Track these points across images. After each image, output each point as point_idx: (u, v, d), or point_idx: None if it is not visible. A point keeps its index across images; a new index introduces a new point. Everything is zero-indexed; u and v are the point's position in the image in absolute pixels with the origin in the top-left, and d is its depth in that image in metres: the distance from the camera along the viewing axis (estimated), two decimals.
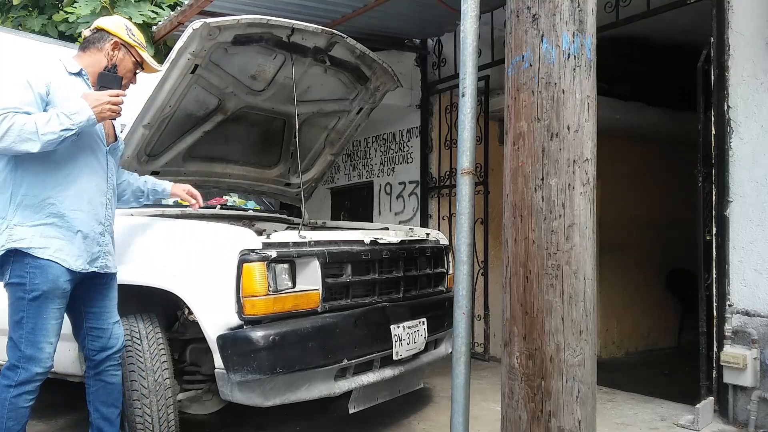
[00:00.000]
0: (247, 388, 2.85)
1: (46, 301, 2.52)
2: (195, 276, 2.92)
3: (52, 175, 2.55)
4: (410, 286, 3.62)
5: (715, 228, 3.73)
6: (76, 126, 2.46)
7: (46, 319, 2.53)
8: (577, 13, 2.10)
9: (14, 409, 2.52)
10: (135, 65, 2.79)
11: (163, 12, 6.75)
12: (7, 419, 2.51)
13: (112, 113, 2.54)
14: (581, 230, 2.09)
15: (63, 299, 2.59)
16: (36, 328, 2.52)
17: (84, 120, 2.47)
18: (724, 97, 3.70)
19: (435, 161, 6.10)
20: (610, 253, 6.03)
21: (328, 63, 3.83)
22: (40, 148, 2.43)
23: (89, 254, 2.62)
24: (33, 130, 2.40)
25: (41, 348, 2.53)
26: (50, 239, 2.53)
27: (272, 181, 4.53)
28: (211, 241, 2.97)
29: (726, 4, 3.70)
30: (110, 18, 2.88)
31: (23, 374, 2.52)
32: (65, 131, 2.44)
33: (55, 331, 2.58)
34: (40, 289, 2.51)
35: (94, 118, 2.49)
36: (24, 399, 2.54)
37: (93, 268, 2.64)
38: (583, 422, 2.10)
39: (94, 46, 2.75)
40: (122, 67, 2.74)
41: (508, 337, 2.19)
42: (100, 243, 2.67)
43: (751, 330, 3.54)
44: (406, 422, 3.78)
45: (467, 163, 2.52)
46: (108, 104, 2.51)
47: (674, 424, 3.67)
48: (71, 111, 2.46)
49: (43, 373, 2.56)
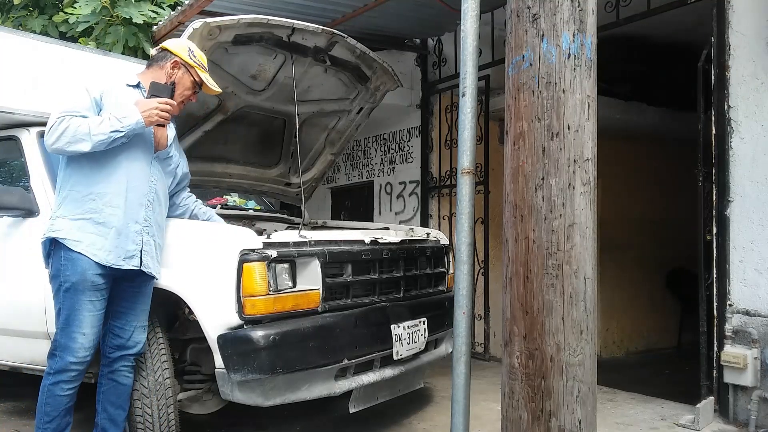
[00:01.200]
0: (247, 388, 2.85)
1: (77, 292, 2.66)
2: (195, 275, 2.93)
3: (96, 173, 2.71)
4: (411, 286, 3.62)
5: (715, 228, 3.73)
6: (126, 128, 2.64)
7: (78, 310, 2.66)
8: (578, 12, 2.10)
9: (52, 396, 2.69)
10: (194, 84, 2.93)
11: (164, 12, 6.74)
12: (46, 404, 2.70)
13: (160, 119, 2.71)
14: (582, 230, 2.09)
15: (96, 292, 2.69)
16: (69, 318, 2.67)
17: (133, 123, 2.64)
18: (724, 97, 3.70)
19: (435, 161, 6.10)
20: (611, 253, 6.03)
21: (328, 63, 3.83)
22: (91, 147, 2.62)
23: (123, 251, 2.71)
24: (86, 132, 2.61)
25: (74, 338, 2.67)
26: (86, 234, 2.68)
27: (272, 181, 4.53)
28: (212, 240, 2.98)
29: (726, 4, 3.70)
30: (175, 40, 3.03)
31: (59, 362, 2.69)
32: (114, 132, 2.62)
33: (90, 322, 2.69)
34: (70, 280, 2.65)
35: (143, 122, 2.66)
36: (60, 388, 2.69)
37: (128, 265, 2.72)
38: (583, 422, 2.10)
39: (156, 64, 2.94)
40: (181, 85, 2.88)
41: (509, 337, 2.19)
42: (136, 242, 2.74)
43: (752, 330, 3.54)
44: (406, 422, 3.78)
45: (467, 163, 2.52)
46: (156, 110, 2.68)
47: (674, 423, 3.67)
48: (122, 115, 2.65)
49: (77, 362, 2.69)
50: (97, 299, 2.70)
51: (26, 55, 3.95)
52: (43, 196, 3.49)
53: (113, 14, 6.33)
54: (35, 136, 3.72)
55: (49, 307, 3.33)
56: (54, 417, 2.71)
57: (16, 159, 3.78)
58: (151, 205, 2.81)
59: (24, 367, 3.63)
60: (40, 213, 3.46)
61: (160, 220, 2.89)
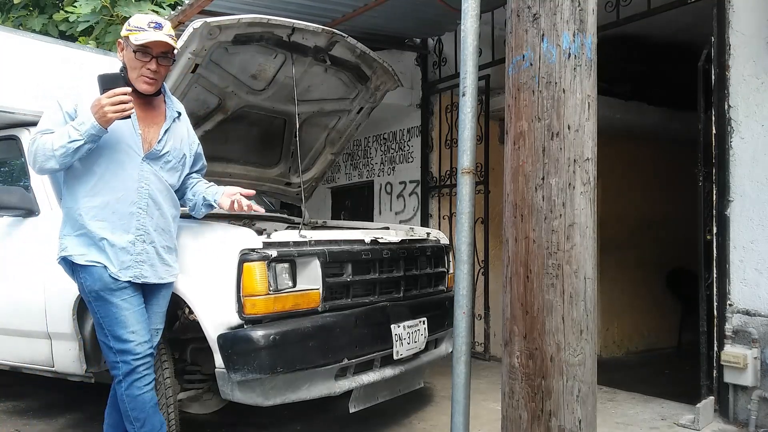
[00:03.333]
0: (247, 388, 2.85)
1: (106, 297, 2.59)
2: (195, 275, 2.92)
3: (80, 188, 2.60)
4: (411, 286, 3.62)
5: (715, 227, 3.73)
6: (84, 135, 2.43)
7: (116, 313, 2.59)
8: (578, 12, 2.10)
9: (132, 399, 2.60)
10: (140, 55, 2.57)
11: (164, 11, 6.76)
12: (131, 410, 2.61)
13: (116, 113, 2.41)
14: (582, 230, 2.09)
15: (124, 291, 2.60)
16: (112, 324, 2.59)
17: (89, 127, 2.42)
18: (724, 97, 3.70)
19: (435, 161, 6.10)
20: (611, 253, 6.03)
21: (328, 62, 3.83)
22: (58, 163, 2.50)
23: (119, 262, 2.59)
24: (50, 148, 2.48)
25: (125, 339, 2.58)
26: (87, 248, 2.60)
27: (273, 181, 4.53)
28: (212, 240, 2.97)
29: (726, 4, 3.70)
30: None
31: (124, 367, 2.60)
32: (73, 142, 2.44)
33: (134, 319, 2.60)
34: (94, 288, 2.59)
35: (97, 124, 2.42)
36: (136, 387, 2.60)
37: (125, 277, 2.60)
38: (583, 422, 2.09)
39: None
40: (129, 64, 2.61)
41: (509, 337, 2.18)
42: (131, 252, 2.61)
43: (752, 329, 3.54)
44: (406, 422, 3.78)
45: (467, 163, 2.52)
46: (107, 105, 2.39)
47: (675, 423, 3.67)
48: (78, 122, 2.46)
49: (142, 357, 2.60)
50: (129, 296, 2.61)
51: (26, 55, 3.95)
52: (43, 196, 3.49)
53: (113, 13, 6.34)
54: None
55: (49, 306, 3.33)
56: (144, 419, 2.61)
57: (16, 159, 3.79)
58: (144, 212, 2.63)
59: (24, 366, 3.63)
60: (40, 213, 3.47)
61: (161, 223, 2.70)
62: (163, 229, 2.72)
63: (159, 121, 2.72)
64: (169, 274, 2.77)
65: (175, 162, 2.77)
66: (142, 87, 2.63)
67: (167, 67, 2.70)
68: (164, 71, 2.69)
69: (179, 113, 2.82)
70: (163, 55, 2.62)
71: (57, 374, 3.46)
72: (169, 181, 2.74)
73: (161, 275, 2.72)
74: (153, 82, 2.64)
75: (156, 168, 2.68)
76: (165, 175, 2.72)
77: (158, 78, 2.66)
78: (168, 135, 2.72)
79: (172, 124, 2.74)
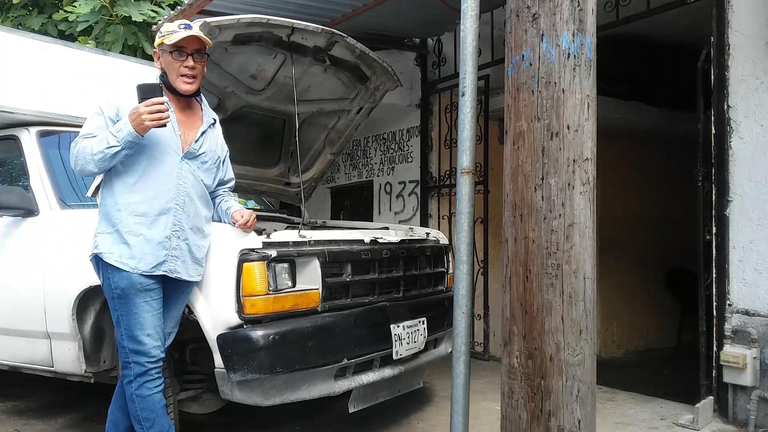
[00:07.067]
0: (247, 388, 2.85)
1: (129, 297, 2.63)
2: None
3: (120, 186, 2.68)
4: (410, 286, 3.62)
5: (714, 227, 3.73)
6: (121, 141, 2.55)
7: (136, 313, 2.64)
8: (577, 12, 2.10)
9: (142, 399, 2.65)
10: (177, 55, 2.68)
11: (163, 11, 6.76)
12: (141, 410, 2.66)
13: (153, 121, 2.52)
14: (581, 230, 2.09)
15: (149, 293, 2.66)
16: (130, 323, 2.64)
17: (126, 134, 2.54)
18: (724, 97, 3.70)
19: (435, 161, 6.10)
20: (610, 253, 6.03)
21: (328, 62, 3.83)
22: (96, 167, 2.62)
23: (154, 257, 2.66)
24: (89, 152, 2.59)
25: (141, 341, 2.64)
26: (117, 245, 2.65)
27: (272, 181, 4.53)
28: (212, 240, 2.97)
29: (726, 4, 3.70)
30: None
31: (135, 368, 2.65)
32: (110, 148, 2.55)
33: (151, 323, 2.66)
34: (120, 286, 2.64)
35: (134, 131, 2.53)
36: (146, 388, 2.66)
37: (158, 271, 2.67)
38: (582, 421, 2.10)
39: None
40: (168, 68, 2.72)
41: (508, 337, 2.19)
42: (167, 247, 2.67)
43: (751, 329, 3.54)
44: (405, 422, 3.78)
45: (467, 163, 2.52)
46: (144, 114, 2.51)
47: (674, 423, 3.67)
48: (116, 128, 2.57)
49: (154, 360, 2.66)
50: (151, 299, 2.67)
51: (26, 55, 3.95)
52: (42, 196, 3.49)
53: (113, 13, 6.34)
54: (35, 136, 3.72)
55: (49, 306, 3.33)
56: (154, 420, 2.66)
57: (16, 159, 3.79)
58: (181, 209, 2.71)
59: (23, 366, 3.63)
60: (39, 212, 3.46)
61: (196, 221, 2.77)
62: (198, 228, 2.80)
63: (197, 124, 2.83)
64: (198, 273, 2.82)
65: (211, 163, 2.88)
66: (183, 88, 2.73)
67: (203, 63, 2.79)
68: (201, 68, 2.78)
69: (215, 120, 2.94)
70: (198, 52, 2.72)
71: (56, 374, 3.46)
72: (205, 182, 2.84)
73: (191, 273, 2.79)
74: (192, 81, 2.74)
75: (194, 167, 2.78)
76: (202, 175, 2.82)
77: (197, 75, 2.76)
78: (204, 137, 2.83)
79: (208, 128, 2.86)
